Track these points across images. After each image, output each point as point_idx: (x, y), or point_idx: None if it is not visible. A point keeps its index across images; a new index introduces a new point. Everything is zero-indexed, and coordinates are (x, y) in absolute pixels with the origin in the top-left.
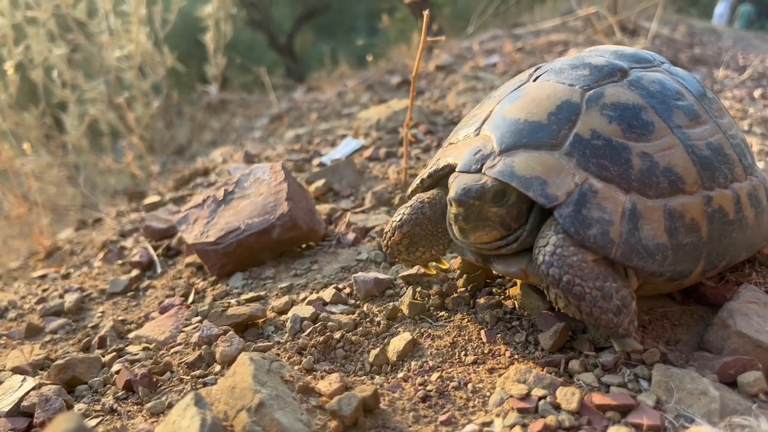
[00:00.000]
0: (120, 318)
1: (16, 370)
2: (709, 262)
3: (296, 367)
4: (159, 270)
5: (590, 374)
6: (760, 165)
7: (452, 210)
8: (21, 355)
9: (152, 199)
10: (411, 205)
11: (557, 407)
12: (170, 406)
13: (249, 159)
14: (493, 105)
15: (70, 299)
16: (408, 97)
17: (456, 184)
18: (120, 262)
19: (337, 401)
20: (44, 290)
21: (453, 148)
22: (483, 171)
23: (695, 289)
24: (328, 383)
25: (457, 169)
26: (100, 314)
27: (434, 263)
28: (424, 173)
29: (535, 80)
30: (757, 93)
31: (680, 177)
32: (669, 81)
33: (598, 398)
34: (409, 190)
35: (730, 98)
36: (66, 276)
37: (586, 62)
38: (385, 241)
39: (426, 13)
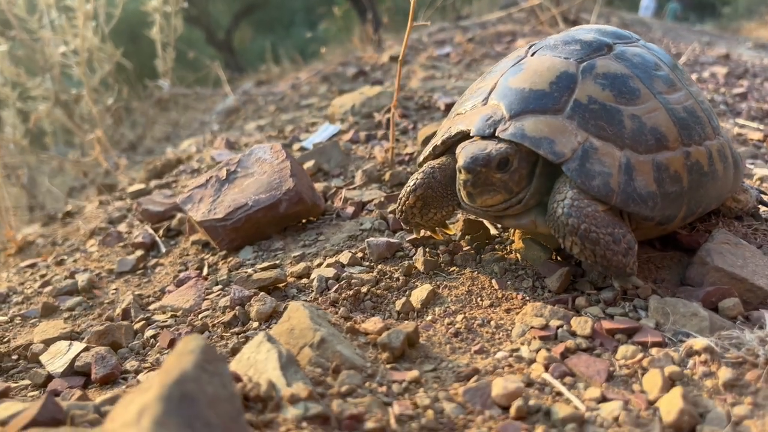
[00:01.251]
0: (136, 293)
1: (48, 342)
2: (689, 208)
3: (335, 316)
4: (163, 249)
5: (596, 308)
6: None
7: (461, 177)
8: (48, 330)
9: (137, 187)
10: (423, 171)
11: (573, 334)
12: (224, 357)
13: (230, 146)
14: (496, 78)
15: (81, 279)
16: (372, 87)
17: (464, 153)
18: (121, 244)
19: (386, 335)
20: (42, 276)
21: (462, 117)
22: (496, 134)
23: (672, 237)
24: (372, 324)
25: (471, 134)
26: (114, 291)
27: (440, 228)
28: (437, 140)
29: (533, 55)
30: (693, 77)
31: (664, 135)
32: (647, 54)
33: (607, 324)
34: (421, 157)
35: None
36: (60, 263)
37: (577, 39)
38: (400, 206)
39: (413, 1)
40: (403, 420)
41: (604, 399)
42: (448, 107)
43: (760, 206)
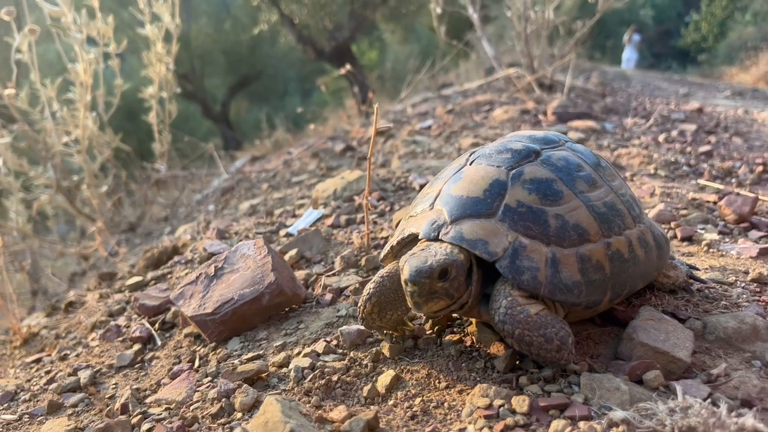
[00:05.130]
0: (134, 387)
1: None
2: (614, 292)
3: (307, 405)
4: (159, 342)
5: (536, 386)
6: (661, 206)
7: (408, 288)
8: (54, 428)
9: (134, 280)
10: (374, 281)
11: (513, 411)
12: None
13: (221, 235)
14: (441, 185)
15: (83, 375)
16: (356, 166)
17: (407, 267)
18: (120, 339)
19: (348, 424)
20: (47, 372)
21: (414, 220)
22: (440, 237)
23: (609, 313)
24: (338, 412)
25: (419, 236)
26: (113, 386)
27: (402, 326)
28: (393, 241)
29: (471, 164)
30: (661, 138)
31: (585, 230)
32: (572, 157)
33: (542, 401)
34: (382, 255)
35: (637, 145)
36: (63, 358)
37: (508, 147)
38: (360, 314)
39: (377, 106)
40: None
41: None
42: (422, 187)
43: (691, 280)
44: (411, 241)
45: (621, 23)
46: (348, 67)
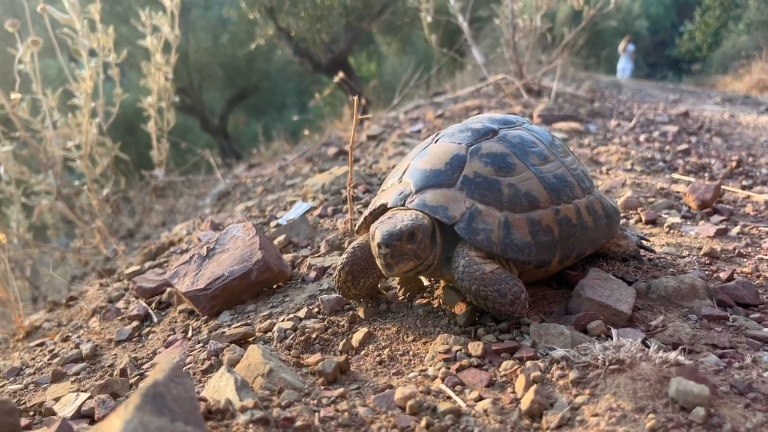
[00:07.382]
0: (132, 356)
1: (59, 399)
2: (563, 253)
3: (286, 355)
4: (155, 319)
5: (491, 335)
6: (629, 193)
7: (381, 251)
8: (58, 390)
9: (133, 269)
10: (347, 252)
11: (469, 355)
12: (198, 392)
13: (215, 227)
14: (409, 161)
15: (85, 348)
16: (345, 165)
17: (378, 232)
18: (119, 318)
19: (321, 365)
20: (51, 351)
21: (385, 193)
22: (405, 205)
23: (563, 277)
24: (313, 358)
25: (388, 206)
26: (113, 356)
27: (377, 295)
28: (366, 213)
29: (436, 142)
30: (642, 137)
31: (536, 198)
32: (526, 135)
33: (495, 345)
34: (357, 226)
35: (617, 143)
36: (66, 339)
37: (469, 127)
38: (336, 284)
39: (355, 98)
40: (326, 420)
41: (480, 398)
42: None
43: (641, 250)
44: (382, 211)
45: (616, 34)
46: (341, 74)
